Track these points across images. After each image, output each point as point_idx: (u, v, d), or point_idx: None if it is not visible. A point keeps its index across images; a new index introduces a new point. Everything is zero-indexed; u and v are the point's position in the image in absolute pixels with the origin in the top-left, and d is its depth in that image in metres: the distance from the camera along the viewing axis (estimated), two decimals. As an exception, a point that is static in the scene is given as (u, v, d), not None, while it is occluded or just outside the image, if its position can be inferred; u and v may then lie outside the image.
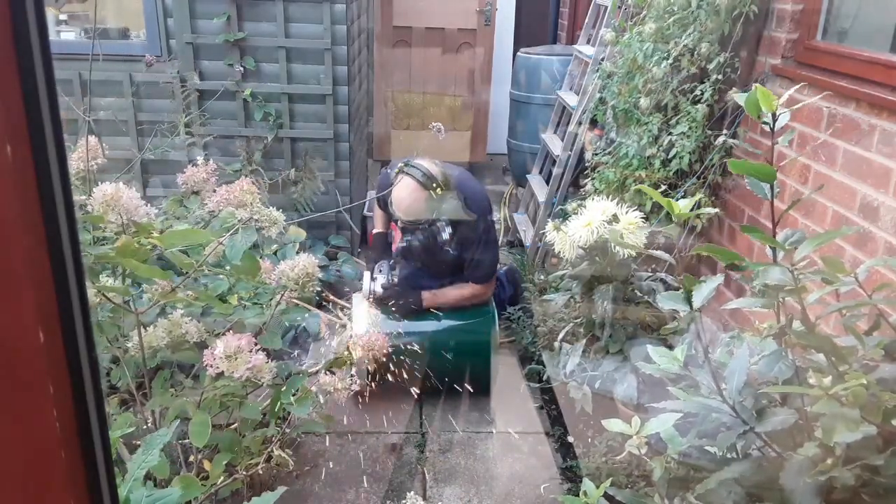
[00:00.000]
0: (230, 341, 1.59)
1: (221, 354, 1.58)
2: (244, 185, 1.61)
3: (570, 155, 3.62)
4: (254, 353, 1.61)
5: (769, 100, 1.13)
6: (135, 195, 1.52)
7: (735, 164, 1.18)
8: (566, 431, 2.56)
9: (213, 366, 1.58)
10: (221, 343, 1.59)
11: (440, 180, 2.58)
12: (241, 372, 1.58)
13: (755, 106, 1.14)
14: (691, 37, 2.63)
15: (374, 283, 2.79)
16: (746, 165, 1.19)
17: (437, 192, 2.57)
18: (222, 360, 1.57)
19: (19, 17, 0.44)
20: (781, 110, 1.15)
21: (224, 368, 1.57)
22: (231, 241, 1.56)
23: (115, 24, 3.66)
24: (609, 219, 2.20)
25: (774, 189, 1.19)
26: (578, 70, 4.05)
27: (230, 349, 1.58)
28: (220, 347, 1.59)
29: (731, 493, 1.17)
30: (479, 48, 5.29)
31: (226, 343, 1.59)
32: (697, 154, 2.65)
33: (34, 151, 0.46)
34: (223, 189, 1.59)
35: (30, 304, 0.47)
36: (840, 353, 1.14)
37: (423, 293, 2.73)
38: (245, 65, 3.45)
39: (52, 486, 0.52)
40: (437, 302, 2.73)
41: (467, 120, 5.48)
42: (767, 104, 1.13)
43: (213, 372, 1.59)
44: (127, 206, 1.48)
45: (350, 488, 2.29)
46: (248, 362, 1.58)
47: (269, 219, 1.64)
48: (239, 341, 1.60)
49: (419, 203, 2.59)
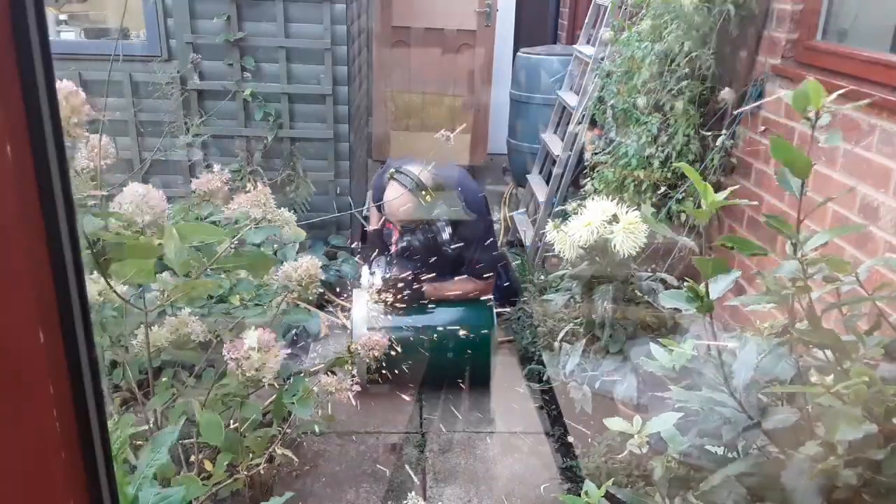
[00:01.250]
0: (262, 336, 1.59)
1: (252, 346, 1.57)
2: (262, 190, 1.63)
3: (570, 155, 3.62)
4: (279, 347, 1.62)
5: (818, 96, 1.10)
6: (162, 196, 1.52)
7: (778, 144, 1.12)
8: (566, 431, 2.56)
9: (242, 358, 1.56)
10: (253, 335, 1.59)
11: (429, 186, 2.64)
12: (272, 364, 1.58)
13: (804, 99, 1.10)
14: (688, 35, 2.63)
15: (374, 276, 2.82)
16: (788, 150, 1.12)
17: (425, 199, 2.64)
18: (254, 352, 1.56)
19: (19, 17, 0.44)
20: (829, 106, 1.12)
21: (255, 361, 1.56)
22: (250, 231, 1.59)
23: (115, 25, 3.66)
24: (609, 218, 2.20)
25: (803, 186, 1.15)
26: (578, 70, 4.05)
27: (262, 342, 1.58)
28: (252, 338, 1.58)
29: (732, 493, 1.17)
30: (479, 48, 5.29)
31: (259, 336, 1.59)
32: (697, 154, 2.65)
33: (34, 151, 0.46)
34: (242, 197, 1.62)
35: (30, 304, 0.47)
36: (844, 348, 1.14)
37: (425, 285, 2.77)
38: (245, 64, 3.45)
39: (52, 486, 0.51)
40: (437, 294, 2.77)
41: (467, 120, 5.48)
42: (816, 101, 1.10)
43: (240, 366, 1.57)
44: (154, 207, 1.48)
45: (350, 488, 2.29)
46: (278, 355, 1.59)
47: (283, 219, 1.68)
48: (270, 335, 1.60)
49: (408, 208, 2.67)
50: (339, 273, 3.55)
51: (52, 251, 0.48)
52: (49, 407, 0.49)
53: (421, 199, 2.63)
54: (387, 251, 2.98)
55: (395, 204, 2.64)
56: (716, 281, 1.20)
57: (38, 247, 0.47)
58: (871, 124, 1.98)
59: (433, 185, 2.66)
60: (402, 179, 2.64)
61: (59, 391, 0.50)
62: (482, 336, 2.73)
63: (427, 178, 2.65)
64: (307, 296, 1.90)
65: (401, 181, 2.64)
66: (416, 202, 2.64)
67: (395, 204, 2.64)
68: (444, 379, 2.77)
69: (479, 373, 2.77)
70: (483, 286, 2.84)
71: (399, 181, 2.65)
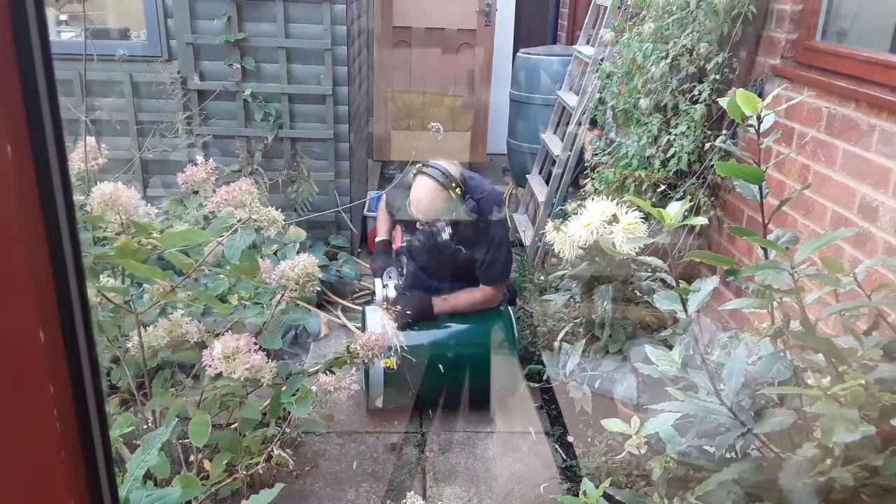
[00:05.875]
0: (228, 342, 1.59)
1: (220, 355, 1.58)
2: (243, 185, 1.60)
3: (569, 155, 3.62)
4: (252, 353, 1.61)
5: (752, 102, 1.12)
6: (134, 195, 1.52)
7: (722, 166, 1.18)
8: (566, 431, 2.57)
9: (212, 366, 1.58)
10: (220, 344, 1.59)
11: (458, 179, 2.55)
12: (239, 372, 1.57)
13: (738, 108, 1.13)
14: (690, 37, 2.63)
15: (387, 289, 2.75)
16: (734, 167, 1.18)
17: (456, 192, 2.54)
18: (220, 361, 1.57)
19: (19, 17, 0.44)
20: (766, 112, 1.14)
21: (222, 369, 1.57)
22: (230, 241, 1.56)
23: (115, 25, 3.66)
24: (609, 219, 2.20)
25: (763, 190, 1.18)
26: (578, 70, 4.05)
27: (228, 350, 1.58)
28: (218, 348, 1.59)
29: (730, 494, 1.17)
30: (479, 48, 5.29)
31: (224, 344, 1.59)
32: (697, 154, 2.66)
33: (34, 151, 0.46)
34: (223, 189, 1.59)
35: (30, 304, 0.47)
36: (839, 353, 1.14)
37: (434, 299, 2.66)
38: (245, 65, 3.45)
39: (52, 486, 0.52)
40: (447, 307, 2.66)
41: (467, 120, 5.48)
42: (751, 106, 1.13)
43: (212, 372, 1.59)
44: (126, 206, 1.48)
45: (350, 488, 2.29)
46: (246, 363, 1.58)
47: (268, 219, 1.63)
48: (237, 342, 1.60)
49: (438, 203, 2.55)
50: (339, 273, 3.55)
51: (52, 251, 0.48)
52: (49, 407, 0.49)
53: (451, 191, 2.53)
54: (397, 263, 2.90)
55: (422, 198, 2.53)
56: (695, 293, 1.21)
57: (38, 247, 0.47)
58: (870, 124, 1.99)
59: (461, 179, 2.56)
60: (432, 173, 2.53)
61: (59, 391, 0.50)
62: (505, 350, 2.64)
63: (455, 172, 2.57)
64: (305, 294, 1.90)
65: (431, 174, 2.53)
66: (447, 195, 2.53)
67: (423, 198, 2.53)
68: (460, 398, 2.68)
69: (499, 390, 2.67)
70: (494, 294, 2.72)
71: (429, 174, 2.54)
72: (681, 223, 1.25)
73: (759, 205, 1.18)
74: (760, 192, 1.17)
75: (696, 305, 1.21)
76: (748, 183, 1.18)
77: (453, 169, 2.57)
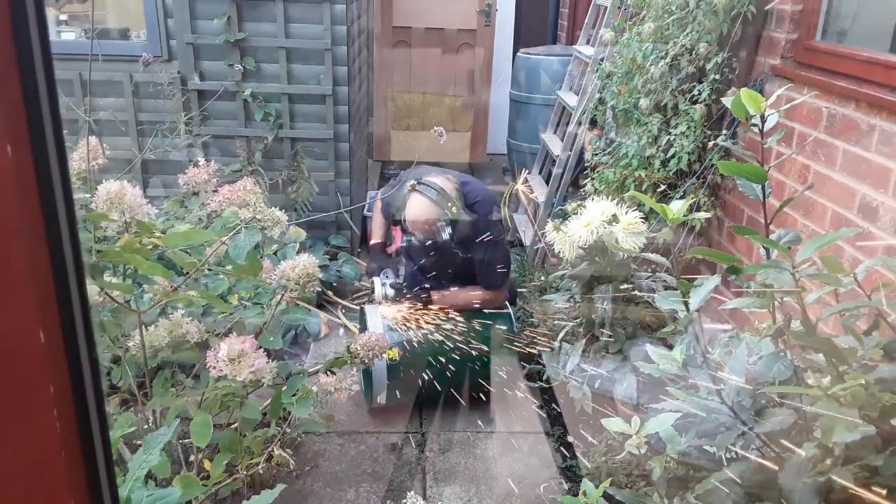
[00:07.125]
0: (233, 344, 1.59)
1: (224, 357, 1.57)
2: (246, 184, 1.60)
3: (569, 155, 3.62)
4: (256, 355, 1.61)
5: (756, 101, 1.13)
6: (138, 193, 1.52)
7: (725, 165, 1.18)
8: (566, 431, 2.56)
9: (217, 368, 1.58)
10: (225, 345, 1.59)
11: (454, 197, 2.55)
12: (244, 375, 1.57)
13: (742, 108, 1.13)
14: (689, 37, 2.63)
15: (385, 287, 2.77)
16: (737, 167, 1.19)
17: (451, 211, 2.54)
18: (225, 363, 1.57)
19: (19, 17, 0.44)
20: (770, 111, 1.14)
21: (227, 371, 1.57)
22: (235, 241, 1.56)
23: (115, 25, 3.66)
24: (609, 219, 2.20)
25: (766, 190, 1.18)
26: (578, 70, 4.05)
27: (233, 352, 1.57)
28: (223, 350, 1.58)
29: (730, 493, 1.17)
30: (479, 48, 5.29)
31: (229, 346, 1.58)
32: (697, 154, 2.66)
33: (34, 151, 0.46)
34: (225, 188, 1.59)
35: (30, 304, 0.47)
36: (839, 353, 1.14)
37: (433, 292, 2.70)
38: (245, 65, 3.45)
39: (52, 486, 0.52)
40: (446, 301, 2.68)
41: (467, 120, 5.48)
42: (755, 105, 1.13)
43: (217, 374, 1.58)
44: (130, 205, 1.48)
45: (350, 488, 2.29)
46: (252, 365, 1.58)
47: (272, 219, 1.64)
48: (242, 344, 1.59)
49: (433, 224, 2.57)
50: (339, 273, 3.55)
51: (52, 251, 0.48)
52: (49, 407, 0.49)
53: (447, 210, 2.53)
54: (394, 264, 2.93)
55: (417, 216, 2.53)
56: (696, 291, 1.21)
57: (38, 247, 0.47)
58: (870, 124, 1.99)
59: (456, 195, 2.55)
60: (427, 192, 2.53)
61: (59, 391, 0.50)
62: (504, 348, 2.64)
63: (451, 189, 2.56)
64: (306, 294, 1.89)
65: (425, 193, 2.53)
66: (442, 214, 2.54)
67: (418, 217, 2.53)
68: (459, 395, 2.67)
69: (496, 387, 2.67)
70: (494, 296, 2.72)
71: (423, 193, 2.53)
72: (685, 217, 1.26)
73: (759, 205, 1.18)
74: (763, 191, 1.17)
75: (698, 303, 1.21)
76: (750, 182, 1.18)
77: (448, 185, 2.57)
